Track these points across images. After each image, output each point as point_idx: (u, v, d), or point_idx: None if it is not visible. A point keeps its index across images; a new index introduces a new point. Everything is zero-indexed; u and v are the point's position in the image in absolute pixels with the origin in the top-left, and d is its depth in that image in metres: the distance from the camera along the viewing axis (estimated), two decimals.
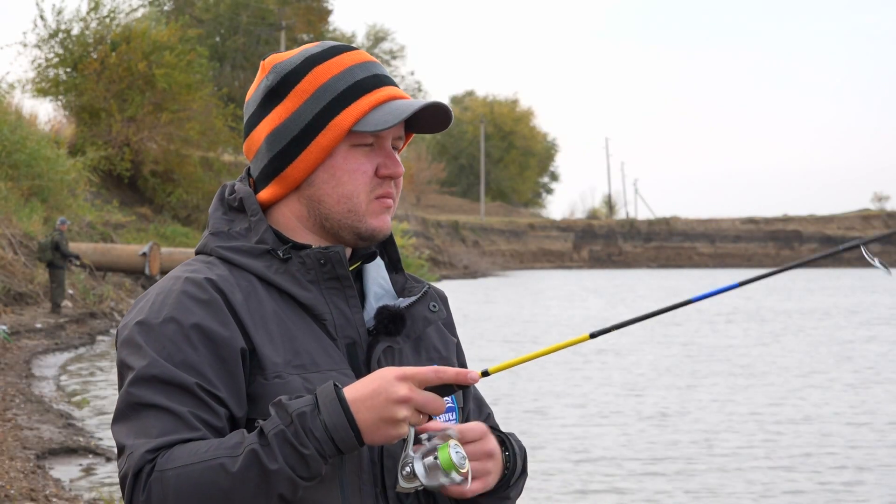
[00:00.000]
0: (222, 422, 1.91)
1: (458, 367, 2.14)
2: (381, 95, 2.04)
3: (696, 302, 1.94)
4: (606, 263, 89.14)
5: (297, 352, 1.98)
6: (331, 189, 2.04)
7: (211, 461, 1.84)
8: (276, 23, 59.08)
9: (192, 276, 2.00)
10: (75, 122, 42.22)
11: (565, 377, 18.68)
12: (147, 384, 1.91)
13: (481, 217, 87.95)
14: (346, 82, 2.04)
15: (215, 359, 1.93)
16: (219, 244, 2.06)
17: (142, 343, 1.93)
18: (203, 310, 1.95)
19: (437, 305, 2.13)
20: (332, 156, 2.04)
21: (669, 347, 23.89)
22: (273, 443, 1.83)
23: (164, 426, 1.88)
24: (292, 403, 1.85)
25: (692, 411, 15.19)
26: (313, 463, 1.84)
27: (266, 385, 1.95)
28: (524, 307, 37.91)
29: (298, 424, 1.83)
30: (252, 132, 2.09)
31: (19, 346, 19.19)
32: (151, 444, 1.87)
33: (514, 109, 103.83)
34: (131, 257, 28.72)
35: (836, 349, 23.52)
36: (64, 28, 41.76)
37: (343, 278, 2.04)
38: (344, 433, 1.84)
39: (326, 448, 1.84)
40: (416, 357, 2.11)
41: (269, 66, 2.09)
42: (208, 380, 1.91)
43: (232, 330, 1.95)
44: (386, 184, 2.06)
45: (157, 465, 1.86)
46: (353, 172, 2.04)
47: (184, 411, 1.89)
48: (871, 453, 12.35)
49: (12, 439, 10.99)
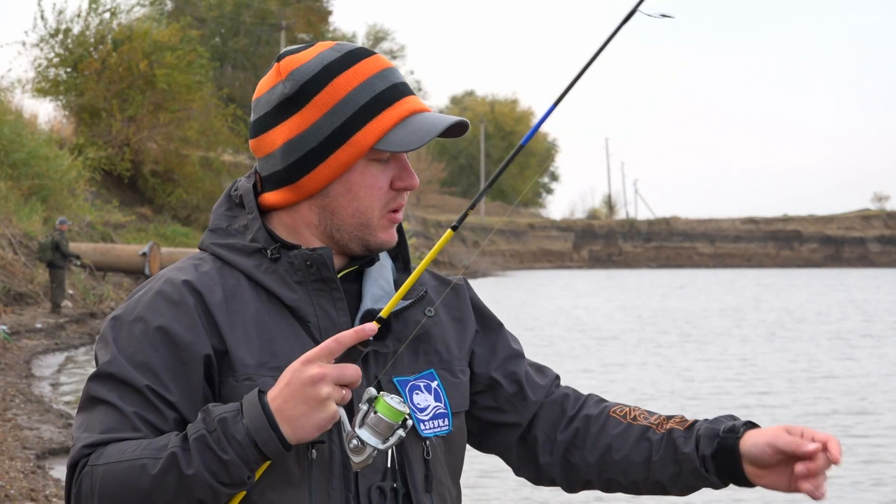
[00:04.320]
0: (168, 425, 1.92)
1: (485, 359, 2.18)
2: (403, 110, 2.02)
3: (525, 143, 2.05)
4: (606, 263, 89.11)
5: (275, 353, 1.97)
6: (346, 203, 2.03)
7: (135, 461, 1.86)
8: (276, 23, 59.07)
9: (172, 276, 2.02)
10: (75, 122, 42.19)
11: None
12: (104, 381, 1.95)
13: (481, 217, 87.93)
14: (366, 95, 2.01)
15: (174, 362, 1.94)
16: (213, 241, 2.07)
17: (110, 339, 1.97)
18: (172, 312, 1.96)
19: (432, 310, 2.08)
20: (350, 170, 2.02)
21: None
22: (193, 447, 1.84)
23: (109, 423, 1.92)
24: (217, 409, 1.86)
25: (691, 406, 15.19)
26: (234, 469, 1.83)
27: (236, 387, 1.95)
28: (529, 306, 37.92)
29: (220, 430, 1.83)
30: (264, 134, 2.07)
31: (19, 346, 19.18)
32: (92, 438, 1.92)
33: (514, 109, 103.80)
34: (131, 257, 28.70)
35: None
36: (64, 28, 41.74)
37: (329, 280, 2.02)
38: (266, 434, 1.83)
39: (249, 453, 1.83)
40: (414, 361, 2.09)
41: (286, 70, 2.04)
42: (162, 383, 1.93)
43: (197, 334, 1.95)
44: (400, 196, 2.06)
45: (90, 459, 1.90)
46: (370, 188, 2.03)
47: (129, 411, 1.92)
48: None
49: (12, 439, 10.99)
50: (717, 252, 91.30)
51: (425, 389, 2.08)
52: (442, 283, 2.21)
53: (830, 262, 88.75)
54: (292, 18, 59.81)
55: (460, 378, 2.14)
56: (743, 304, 39.82)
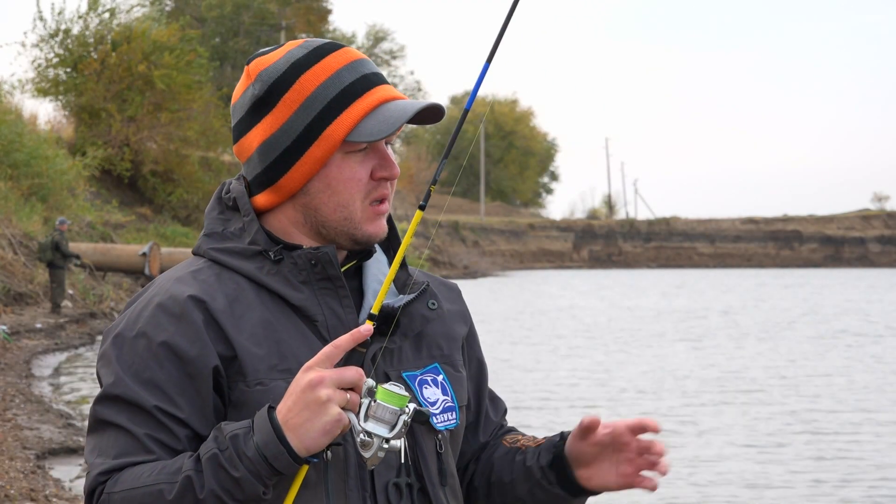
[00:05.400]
0: (181, 444, 1.92)
1: (463, 364, 2.16)
2: (373, 100, 2.00)
3: (468, 108, 2.03)
4: (606, 263, 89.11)
5: (284, 355, 1.96)
6: (327, 198, 2.02)
7: (152, 486, 1.86)
8: (276, 23, 59.09)
9: (171, 287, 1.99)
10: (75, 122, 42.21)
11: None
12: (111, 403, 1.94)
13: (481, 217, 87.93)
14: (335, 89, 2.00)
15: (182, 377, 1.93)
16: (211, 246, 2.04)
17: (112, 358, 1.96)
18: (175, 325, 1.95)
19: (435, 303, 2.08)
20: (327, 165, 2.01)
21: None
22: (205, 467, 1.83)
23: (121, 447, 1.91)
24: (229, 427, 1.86)
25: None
26: (247, 485, 1.83)
27: (248, 392, 1.94)
28: (533, 305, 37.93)
29: (232, 448, 1.83)
30: (242, 138, 2.06)
31: (19, 346, 19.20)
32: (106, 465, 1.91)
33: (514, 109, 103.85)
34: (131, 257, 28.71)
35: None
36: (64, 28, 41.75)
37: (334, 279, 2.01)
38: (275, 448, 1.82)
39: (260, 468, 1.82)
40: (417, 355, 2.08)
41: (255, 72, 2.03)
42: (171, 399, 1.92)
43: (202, 346, 1.94)
44: (382, 186, 2.03)
45: (107, 487, 1.90)
46: (348, 181, 2.01)
47: (140, 433, 1.91)
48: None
49: (12, 439, 10.99)
50: (717, 252, 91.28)
51: (433, 383, 2.07)
52: (440, 282, 2.22)
53: (830, 263, 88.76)
54: (292, 18, 59.85)
55: (461, 372, 2.15)
56: (741, 303, 39.85)
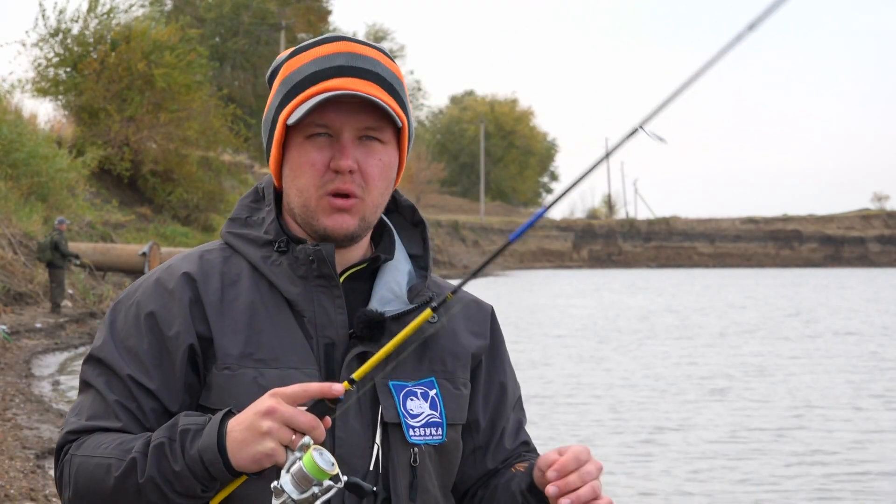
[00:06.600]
0: (146, 417, 1.94)
1: (476, 384, 2.13)
2: (324, 86, 1.98)
3: (513, 241, 1.83)
4: (606, 263, 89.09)
5: (261, 345, 1.97)
6: (291, 182, 2.04)
7: (104, 459, 1.89)
8: (276, 23, 59.06)
9: (174, 263, 2.05)
10: (75, 122, 42.18)
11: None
12: (95, 364, 2.00)
13: (481, 217, 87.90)
14: (301, 74, 2.01)
15: (159, 350, 1.97)
16: (229, 230, 2.09)
17: (108, 321, 2.03)
18: (163, 299, 1.99)
19: (436, 317, 1.93)
20: (289, 149, 2.03)
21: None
22: (150, 454, 1.85)
23: (94, 410, 1.96)
24: (186, 420, 1.86)
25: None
26: (185, 480, 1.83)
27: (217, 375, 1.96)
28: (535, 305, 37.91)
29: (178, 440, 1.84)
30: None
31: (19, 345, 19.18)
32: (77, 425, 1.96)
33: (514, 109, 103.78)
34: (131, 257, 28.69)
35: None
36: (65, 28, 41.73)
37: (328, 277, 2.01)
38: (212, 455, 1.81)
39: (197, 469, 1.82)
40: (417, 367, 2.05)
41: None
42: (145, 370, 1.96)
43: (182, 323, 1.97)
44: (339, 179, 1.99)
45: (72, 447, 1.94)
46: (303, 166, 2.01)
47: (111, 399, 1.95)
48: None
49: (12, 439, 10.99)
50: (716, 252, 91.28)
51: (421, 397, 2.03)
52: (472, 300, 2.17)
53: (830, 262, 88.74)
54: (292, 18, 59.83)
55: (461, 391, 2.10)
56: (740, 303, 39.85)
